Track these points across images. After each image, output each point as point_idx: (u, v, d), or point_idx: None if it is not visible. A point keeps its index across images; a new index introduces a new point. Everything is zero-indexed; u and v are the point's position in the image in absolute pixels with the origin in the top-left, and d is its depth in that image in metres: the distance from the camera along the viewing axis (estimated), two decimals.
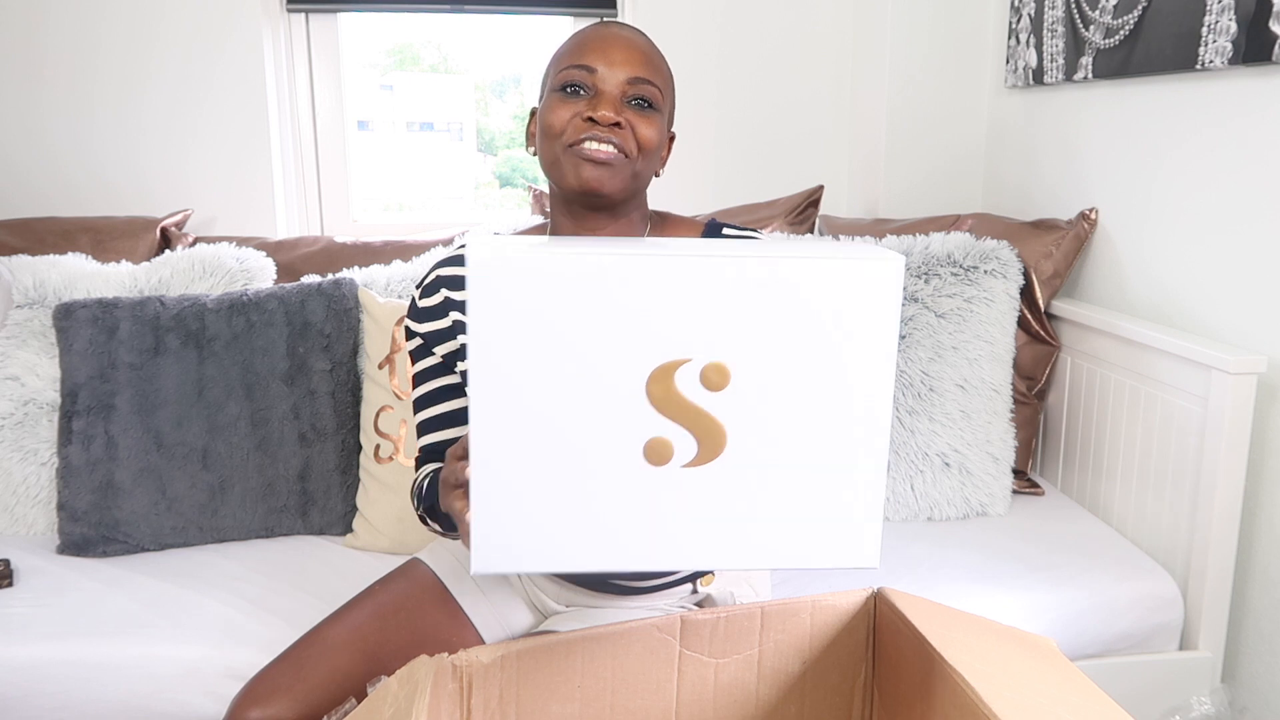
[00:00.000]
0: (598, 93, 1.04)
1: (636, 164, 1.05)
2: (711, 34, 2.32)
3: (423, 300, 1.15)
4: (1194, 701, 1.48)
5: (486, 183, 2.93)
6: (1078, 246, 1.85)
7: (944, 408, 1.74)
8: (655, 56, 1.08)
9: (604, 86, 1.03)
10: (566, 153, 1.04)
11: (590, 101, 1.03)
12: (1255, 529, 1.51)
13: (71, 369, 1.63)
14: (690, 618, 0.99)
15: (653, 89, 1.05)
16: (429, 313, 1.15)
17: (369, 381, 1.72)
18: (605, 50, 1.04)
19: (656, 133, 1.06)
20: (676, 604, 1.21)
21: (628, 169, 1.05)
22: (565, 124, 1.03)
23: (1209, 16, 1.51)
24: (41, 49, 2.14)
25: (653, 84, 1.05)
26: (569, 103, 1.04)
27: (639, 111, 1.05)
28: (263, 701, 1.08)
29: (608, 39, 1.05)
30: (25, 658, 1.35)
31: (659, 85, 1.06)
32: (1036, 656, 0.94)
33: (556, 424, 0.73)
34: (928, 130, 2.26)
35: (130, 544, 1.61)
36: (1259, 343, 1.49)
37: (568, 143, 1.03)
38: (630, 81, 1.04)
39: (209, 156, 2.23)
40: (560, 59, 1.07)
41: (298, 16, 2.31)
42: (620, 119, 1.02)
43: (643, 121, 1.04)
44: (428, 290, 1.15)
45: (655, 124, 1.06)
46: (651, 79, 1.05)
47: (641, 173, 1.07)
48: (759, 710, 1.02)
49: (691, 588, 1.21)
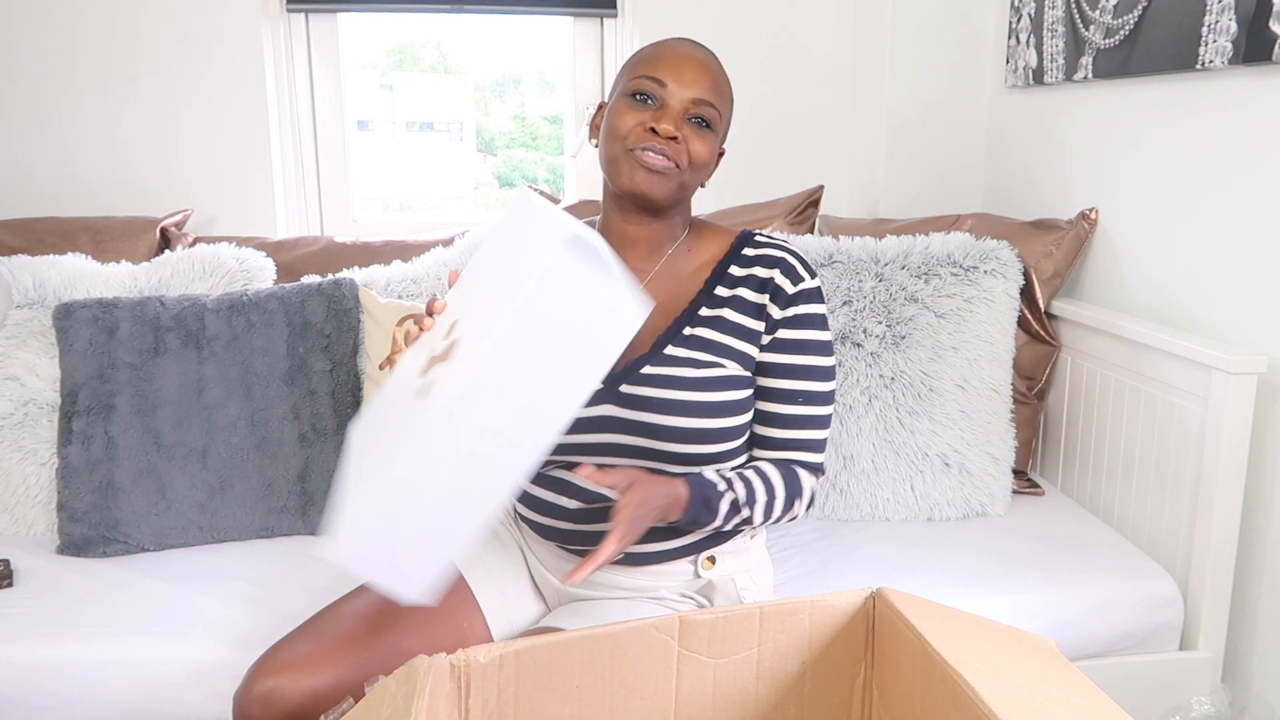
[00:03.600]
0: (664, 105, 1.14)
1: (685, 175, 1.16)
2: (712, 34, 2.30)
3: None
4: (1194, 701, 1.48)
5: (486, 183, 2.93)
6: (1078, 246, 1.85)
7: (944, 408, 1.73)
8: (722, 81, 1.19)
9: (670, 101, 1.14)
10: (626, 155, 1.14)
11: (655, 113, 1.13)
12: (1255, 529, 1.51)
13: (71, 369, 1.64)
14: (689, 618, 0.99)
15: (713, 111, 1.16)
16: None
17: (370, 383, 1.72)
18: (678, 67, 1.15)
19: (708, 150, 1.17)
20: (679, 587, 1.23)
21: (676, 179, 1.15)
22: (629, 129, 1.13)
23: (1209, 16, 1.51)
24: (42, 49, 2.14)
25: (714, 106, 1.16)
26: (636, 110, 1.14)
27: (697, 129, 1.15)
28: (279, 670, 1.10)
29: (682, 57, 1.16)
30: (25, 658, 1.35)
31: (720, 109, 1.17)
32: (1036, 656, 0.94)
33: None
34: (928, 130, 2.26)
35: (130, 544, 1.61)
36: (1259, 343, 1.49)
37: (628, 146, 1.14)
38: (695, 101, 1.14)
39: (209, 156, 2.23)
40: (636, 65, 1.18)
41: (297, 16, 2.31)
42: (679, 134, 1.13)
43: (698, 139, 1.15)
44: None
45: (709, 142, 1.17)
46: (714, 102, 1.16)
47: (689, 183, 1.18)
48: (758, 711, 1.02)
49: (694, 570, 1.22)
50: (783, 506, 1.18)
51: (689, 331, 1.17)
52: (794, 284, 1.19)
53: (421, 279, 1.84)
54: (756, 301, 1.19)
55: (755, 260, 1.21)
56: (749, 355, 1.18)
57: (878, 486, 1.73)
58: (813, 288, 1.21)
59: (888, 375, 1.74)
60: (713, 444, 1.15)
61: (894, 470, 1.73)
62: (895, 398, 1.74)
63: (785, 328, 1.19)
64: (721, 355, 1.17)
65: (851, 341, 1.75)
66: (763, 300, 1.19)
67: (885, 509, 1.73)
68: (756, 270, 1.20)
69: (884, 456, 1.73)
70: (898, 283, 1.77)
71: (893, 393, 1.74)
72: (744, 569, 1.25)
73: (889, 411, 1.73)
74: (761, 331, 1.19)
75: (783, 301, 1.19)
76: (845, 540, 1.66)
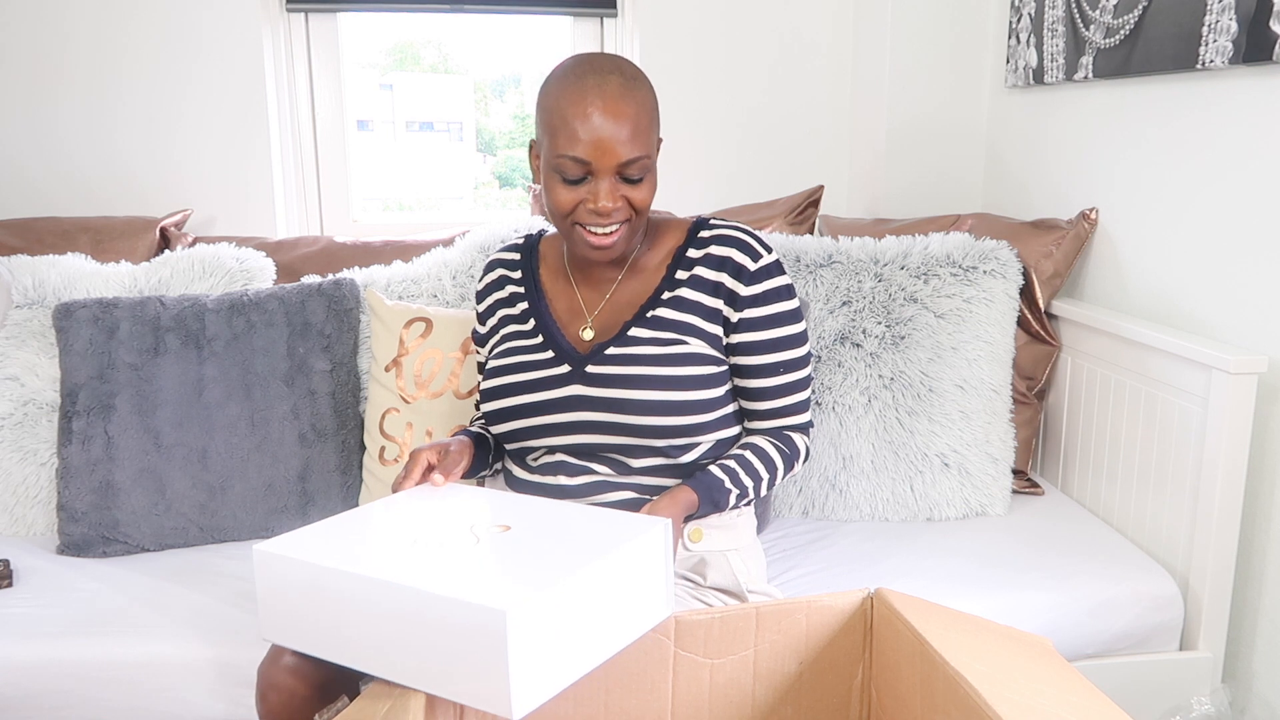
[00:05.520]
0: (594, 175, 1.15)
1: (635, 223, 1.20)
2: (712, 34, 2.31)
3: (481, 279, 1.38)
4: (1194, 701, 1.48)
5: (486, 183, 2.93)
6: (1078, 246, 1.85)
7: (943, 408, 1.73)
8: (641, 119, 1.15)
9: (600, 171, 1.14)
10: (574, 229, 1.18)
11: (590, 188, 1.15)
12: (1255, 529, 1.51)
13: (71, 369, 1.64)
14: (685, 618, 0.99)
15: (643, 160, 1.16)
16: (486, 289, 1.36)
17: (375, 384, 1.71)
18: (596, 144, 1.12)
19: (649, 191, 1.19)
20: None
21: (627, 230, 1.19)
22: (569, 207, 1.16)
23: (1209, 16, 1.51)
24: (42, 49, 2.14)
25: (643, 157, 1.15)
26: (570, 189, 1.16)
27: (632, 185, 1.17)
28: None
29: (594, 132, 1.12)
30: (25, 658, 1.35)
31: (648, 150, 1.16)
32: (1034, 656, 0.94)
33: None
34: (928, 130, 2.26)
35: (130, 544, 1.61)
36: (1259, 343, 1.48)
37: (573, 222, 1.18)
38: (623, 164, 1.14)
39: (209, 156, 2.23)
40: (557, 138, 1.14)
41: (297, 16, 2.31)
42: (616, 202, 1.15)
43: (637, 191, 1.17)
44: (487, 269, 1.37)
45: (649, 184, 1.19)
46: (641, 154, 1.15)
47: (638, 225, 1.21)
48: (755, 711, 1.02)
49: (681, 543, 1.25)
50: (783, 474, 1.28)
51: (651, 313, 1.22)
52: (754, 260, 1.24)
53: (421, 279, 1.84)
54: (714, 279, 1.24)
55: (710, 241, 1.26)
56: (711, 333, 1.23)
57: (877, 486, 1.73)
58: (772, 261, 1.25)
59: (887, 375, 1.74)
60: (678, 416, 1.19)
61: (893, 470, 1.73)
62: (895, 398, 1.74)
63: (753, 306, 1.23)
64: (684, 333, 1.22)
65: (851, 342, 1.75)
66: (721, 278, 1.23)
67: (885, 509, 1.73)
68: (712, 249, 1.25)
69: (883, 457, 1.73)
70: (897, 283, 1.77)
71: (892, 393, 1.74)
72: (734, 547, 1.28)
73: (888, 412, 1.73)
74: (721, 308, 1.23)
75: (746, 279, 1.23)
76: (844, 540, 1.66)
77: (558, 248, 1.34)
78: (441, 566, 0.91)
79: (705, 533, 1.26)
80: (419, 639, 0.85)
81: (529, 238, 1.38)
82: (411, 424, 1.68)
